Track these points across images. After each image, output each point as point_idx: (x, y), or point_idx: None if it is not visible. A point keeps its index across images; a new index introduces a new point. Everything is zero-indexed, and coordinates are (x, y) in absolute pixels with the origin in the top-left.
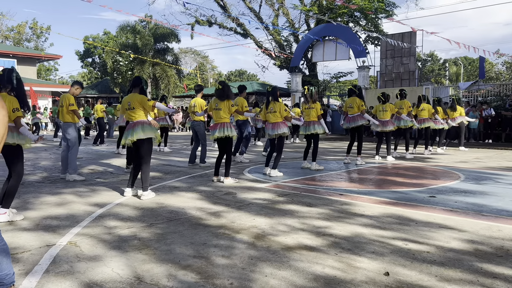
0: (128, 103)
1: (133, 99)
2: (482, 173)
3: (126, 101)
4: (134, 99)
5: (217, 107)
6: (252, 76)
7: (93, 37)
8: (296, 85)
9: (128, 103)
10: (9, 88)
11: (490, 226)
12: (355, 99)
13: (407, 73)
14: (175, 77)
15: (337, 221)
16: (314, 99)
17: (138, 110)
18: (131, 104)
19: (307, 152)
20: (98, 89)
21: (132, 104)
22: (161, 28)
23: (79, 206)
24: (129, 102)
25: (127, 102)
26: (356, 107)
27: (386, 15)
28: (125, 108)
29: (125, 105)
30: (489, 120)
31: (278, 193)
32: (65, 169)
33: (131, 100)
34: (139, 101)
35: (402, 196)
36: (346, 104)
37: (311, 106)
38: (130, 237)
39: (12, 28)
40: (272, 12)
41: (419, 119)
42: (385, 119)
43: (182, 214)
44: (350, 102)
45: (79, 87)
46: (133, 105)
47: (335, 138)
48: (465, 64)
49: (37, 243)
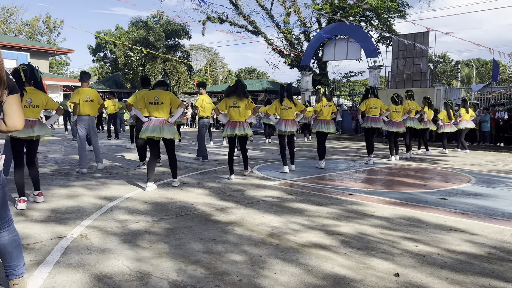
0: (155, 98)
1: (161, 95)
2: (493, 176)
3: (152, 95)
4: (163, 95)
5: (236, 105)
6: (262, 74)
7: (105, 32)
8: (306, 83)
9: (155, 97)
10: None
11: (502, 230)
12: (378, 100)
13: (419, 74)
14: (185, 74)
15: (346, 221)
16: (328, 98)
17: (166, 106)
18: (159, 99)
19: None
20: (109, 84)
21: (161, 99)
22: (173, 24)
23: (90, 199)
24: (157, 97)
25: (154, 97)
26: (379, 108)
27: (399, 15)
28: (150, 103)
29: (150, 99)
30: (500, 123)
31: (287, 191)
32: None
33: (159, 95)
34: (170, 98)
35: (412, 197)
36: (368, 105)
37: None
38: (140, 231)
39: (26, 23)
40: (284, 10)
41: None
42: (399, 120)
43: (191, 209)
44: (374, 103)
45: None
46: (161, 100)
47: (344, 138)
48: (478, 66)
49: (49, 235)
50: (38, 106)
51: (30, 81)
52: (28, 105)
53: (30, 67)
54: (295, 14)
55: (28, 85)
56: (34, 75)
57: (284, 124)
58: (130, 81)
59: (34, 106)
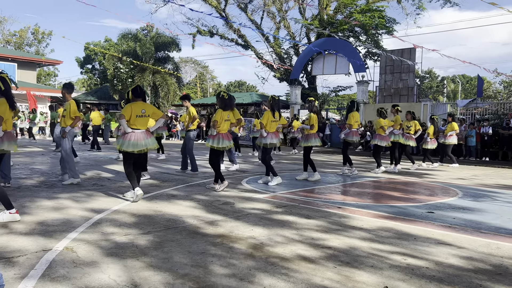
0: (142, 111)
1: (147, 108)
2: (480, 190)
3: (139, 108)
4: (148, 108)
5: (229, 118)
6: (252, 87)
7: (94, 43)
8: (295, 97)
9: (142, 110)
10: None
11: (489, 243)
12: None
13: (406, 89)
14: (175, 86)
15: (335, 234)
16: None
17: (151, 118)
18: (146, 111)
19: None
20: (97, 95)
21: (147, 112)
22: (163, 37)
23: (76, 212)
24: (143, 109)
25: (141, 110)
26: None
27: (386, 31)
28: (137, 115)
29: (137, 112)
30: (485, 138)
31: (276, 204)
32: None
33: (146, 108)
34: (153, 110)
35: (400, 211)
36: (354, 118)
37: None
38: (128, 244)
39: (14, 33)
40: (273, 25)
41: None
42: (384, 134)
43: (179, 222)
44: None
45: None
46: (148, 113)
47: (333, 151)
48: (463, 82)
49: (33, 248)
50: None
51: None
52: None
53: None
54: (284, 29)
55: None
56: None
57: (274, 137)
58: (119, 92)
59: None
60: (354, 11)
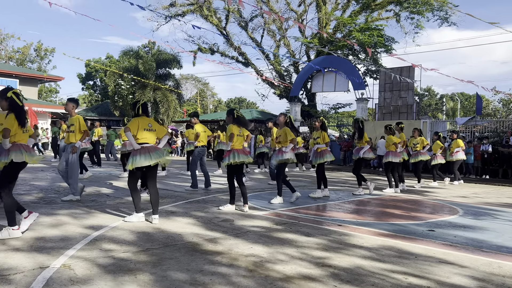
0: (149, 125)
1: (153, 123)
2: (480, 208)
3: (145, 122)
4: (154, 123)
5: (241, 133)
6: (252, 104)
7: (95, 60)
8: (295, 114)
9: (149, 124)
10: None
11: (490, 262)
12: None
13: (405, 107)
14: (175, 102)
15: (336, 252)
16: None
17: (157, 132)
18: (152, 126)
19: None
20: (98, 111)
21: (154, 127)
22: (164, 54)
23: (75, 228)
24: (150, 123)
25: (148, 124)
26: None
27: (385, 49)
28: (145, 129)
29: (144, 125)
30: (485, 156)
31: (276, 221)
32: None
33: (152, 123)
34: (158, 127)
35: (401, 229)
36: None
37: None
38: (126, 261)
39: (17, 50)
40: (274, 43)
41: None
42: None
43: (178, 239)
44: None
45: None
46: (154, 127)
47: (332, 168)
48: (462, 99)
49: (31, 265)
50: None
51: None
52: (26, 129)
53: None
54: (284, 47)
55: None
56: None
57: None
58: (119, 109)
59: (27, 131)
60: (353, 29)
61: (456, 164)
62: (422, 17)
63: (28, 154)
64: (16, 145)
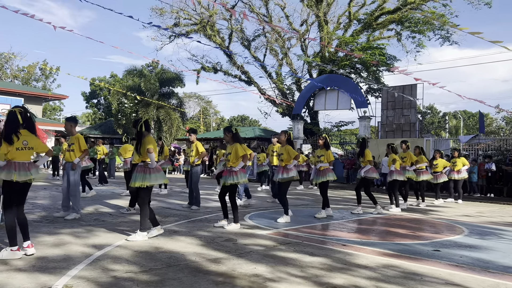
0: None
1: (154, 143)
2: (486, 227)
3: (151, 142)
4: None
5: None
6: (254, 121)
7: (99, 79)
8: (297, 132)
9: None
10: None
11: (497, 283)
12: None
13: (408, 125)
14: (178, 120)
15: (339, 272)
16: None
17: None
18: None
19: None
20: (101, 129)
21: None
22: (167, 73)
23: (77, 248)
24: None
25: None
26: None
27: (387, 68)
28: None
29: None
30: (489, 174)
31: (280, 241)
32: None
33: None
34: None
35: (406, 249)
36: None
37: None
38: (128, 281)
39: (23, 69)
40: (276, 62)
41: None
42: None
43: (181, 259)
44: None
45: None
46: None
47: (335, 187)
48: (465, 117)
49: (33, 285)
50: (32, 148)
51: (24, 124)
52: (24, 147)
53: (25, 110)
54: (287, 66)
55: (23, 127)
56: (29, 118)
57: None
58: (122, 127)
59: (29, 149)
60: (355, 48)
61: (460, 182)
62: (423, 36)
63: (18, 173)
64: (9, 163)
